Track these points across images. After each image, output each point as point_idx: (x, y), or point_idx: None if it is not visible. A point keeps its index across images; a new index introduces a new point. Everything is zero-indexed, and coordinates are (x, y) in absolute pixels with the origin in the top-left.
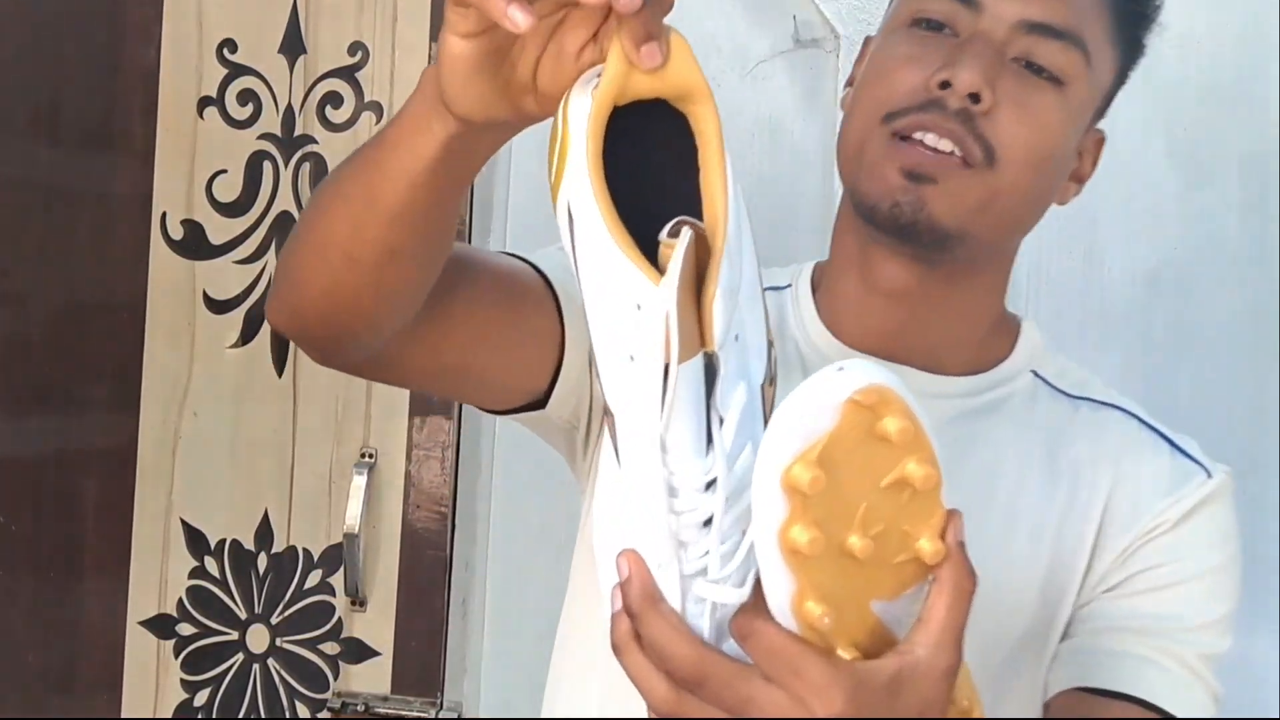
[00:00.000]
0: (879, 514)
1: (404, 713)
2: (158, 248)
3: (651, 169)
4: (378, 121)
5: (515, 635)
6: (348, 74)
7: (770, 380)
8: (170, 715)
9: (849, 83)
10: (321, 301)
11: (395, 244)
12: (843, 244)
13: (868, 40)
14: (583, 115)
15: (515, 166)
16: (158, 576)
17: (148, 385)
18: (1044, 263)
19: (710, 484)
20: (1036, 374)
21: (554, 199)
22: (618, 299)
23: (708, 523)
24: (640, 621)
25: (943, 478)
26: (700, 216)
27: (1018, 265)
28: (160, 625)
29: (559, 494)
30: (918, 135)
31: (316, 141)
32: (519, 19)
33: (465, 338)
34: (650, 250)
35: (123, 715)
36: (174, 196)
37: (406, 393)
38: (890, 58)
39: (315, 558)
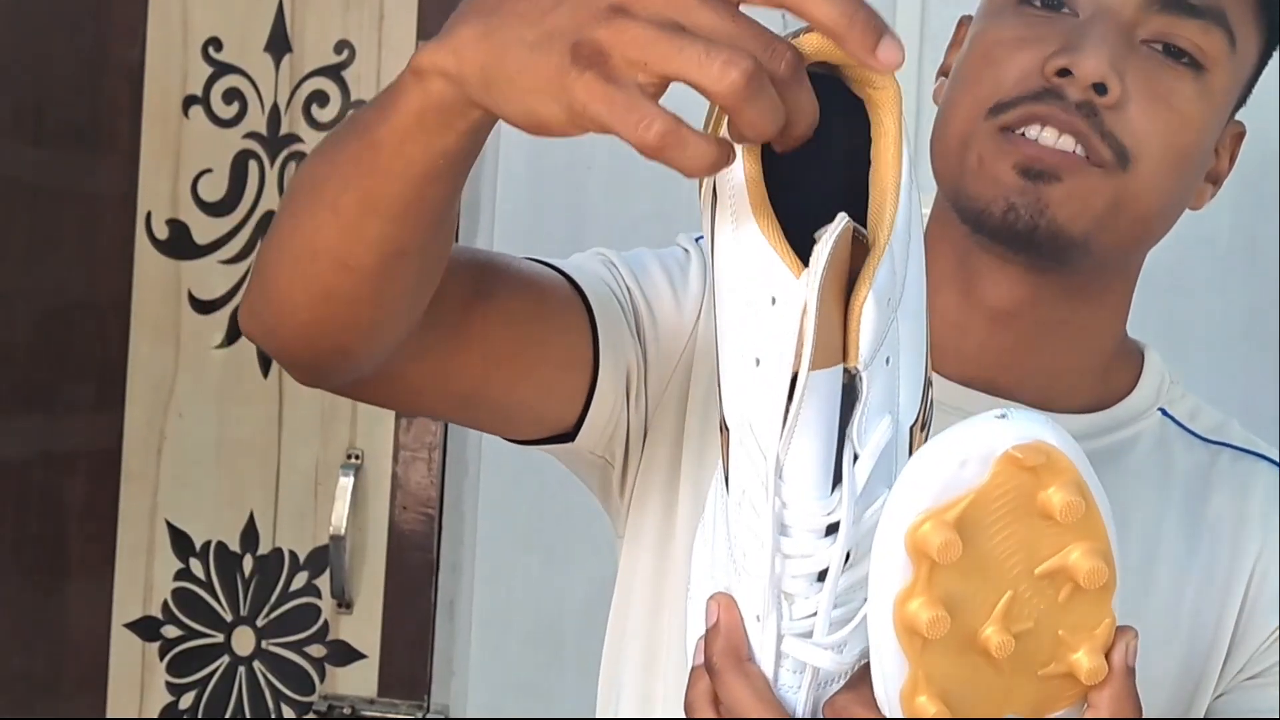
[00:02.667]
0: (1028, 608)
1: (390, 715)
2: (142, 247)
3: (822, 167)
4: None
5: (502, 637)
6: (334, 72)
7: (923, 425)
8: (155, 718)
9: (941, 72)
10: (307, 315)
11: (402, 244)
12: (936, 256)
13: (962, 22)
14: None
15: (502, 169)
16: (142, 579)
17: (132, 386)
18: None
19: (831, 530)
20: (1165, 413)
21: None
22: (751, 290)
23: (822, 577)
24: (720, 681)
25: (1117, 578)
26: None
27: None
28: (145, 628)
29: (546, 495)
30: (1031, 132)
31: (302, 140)
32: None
33: (480, 357)
34: (806, 256)
35: (108, 718)
36: (159, 196)
37: None
38: (996, 41)
39: (301, 560)
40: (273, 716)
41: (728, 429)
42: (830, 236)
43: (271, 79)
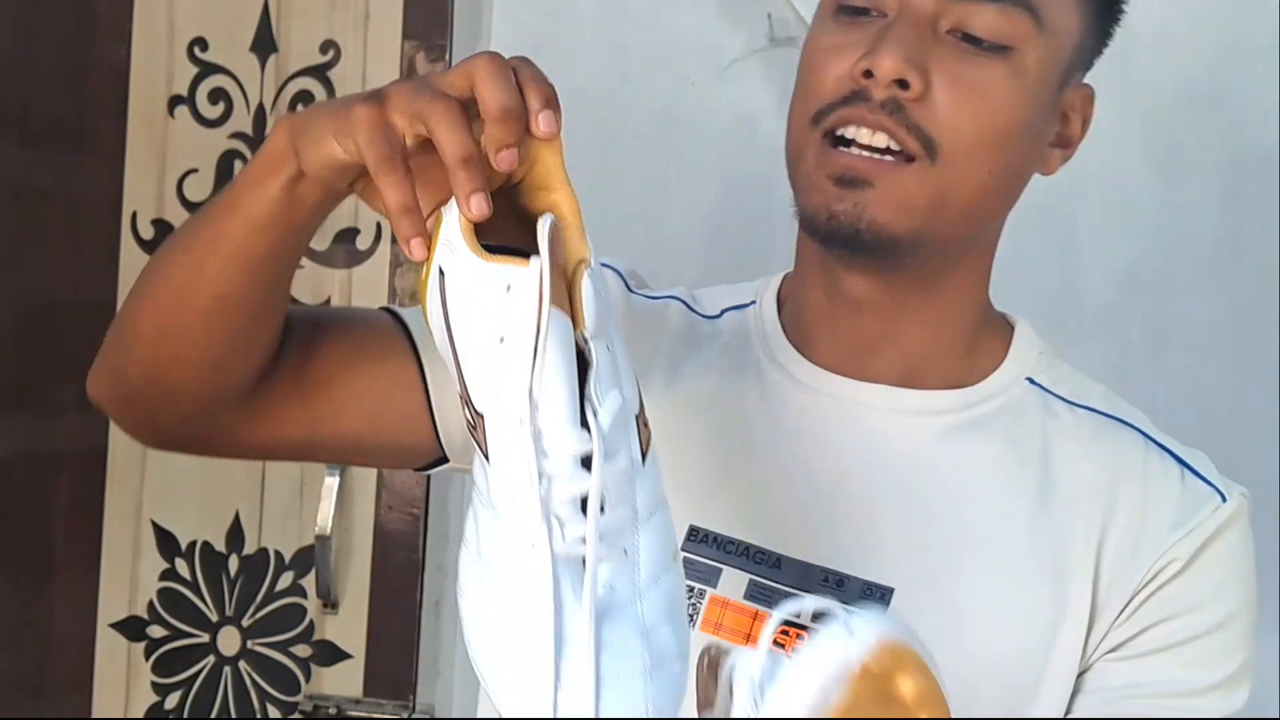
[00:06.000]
0: None
1: (376, 715)
2: (128, 248)
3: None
4: None
5: None
6: (319, 73)
7: (644, 422)
8: (141, 718)
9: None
10: (148, 351)
11: (229, 289)
12: (805, 254)
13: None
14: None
15: None
16: (128, 578)
17: None
18: (1020, 262)
19: (585, 461)
20: (1033, 381)
21: (423, 297)
22: (486, 294)
23: (584, 507)
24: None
25: None
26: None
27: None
28: (131, 627)
29: None
30: (849, 133)
31: None
32: (480, 209)
33: (301, 400)
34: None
35: (93, 718)
36: (145, 196)
37: None
38: (814, 51)
39: (287, 560)
40: (258, 716)
41: (481, 415)
42: (543, 228)
43: (257, 79)
